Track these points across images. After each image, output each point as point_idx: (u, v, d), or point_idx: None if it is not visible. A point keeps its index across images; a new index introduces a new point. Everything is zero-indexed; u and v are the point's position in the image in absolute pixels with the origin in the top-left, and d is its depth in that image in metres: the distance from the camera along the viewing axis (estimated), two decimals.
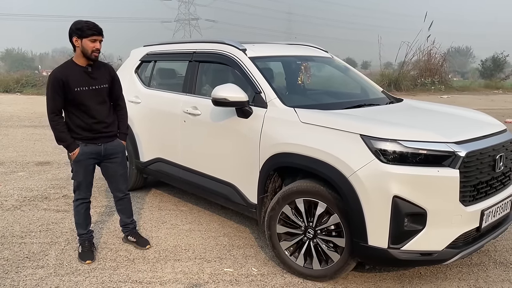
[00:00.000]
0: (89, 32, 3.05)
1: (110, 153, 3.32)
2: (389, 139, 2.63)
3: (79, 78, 3.11)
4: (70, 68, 3.12)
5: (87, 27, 3.05)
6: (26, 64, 41.90)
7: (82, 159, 3.21)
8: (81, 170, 3.24)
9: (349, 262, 2.86)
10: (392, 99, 4.02)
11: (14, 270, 3.15)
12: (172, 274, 3.13)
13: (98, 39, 3.09)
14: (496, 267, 3.27)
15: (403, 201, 2.55)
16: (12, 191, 5.01)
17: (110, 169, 3.39)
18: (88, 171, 3.28)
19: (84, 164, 3.23)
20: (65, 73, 3.08)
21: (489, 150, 2.82)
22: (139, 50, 4.97)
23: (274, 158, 3.15)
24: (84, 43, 3.06)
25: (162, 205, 4.62)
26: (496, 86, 21.73)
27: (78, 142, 3.20)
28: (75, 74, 3.11)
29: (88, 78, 3.15)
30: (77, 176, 3.27)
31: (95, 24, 3.11)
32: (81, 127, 3.18)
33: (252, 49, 3.75)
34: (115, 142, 3.36)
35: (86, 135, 3.20)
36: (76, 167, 3.24)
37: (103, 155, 3.29)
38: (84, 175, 3.26)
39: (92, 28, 3.06)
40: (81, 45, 3.07)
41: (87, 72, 3.16)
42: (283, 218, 3.09)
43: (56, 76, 3.06)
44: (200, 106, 3.84)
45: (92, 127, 3.19)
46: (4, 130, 9.24)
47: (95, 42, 3.08)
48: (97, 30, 3.08)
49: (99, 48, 3.12)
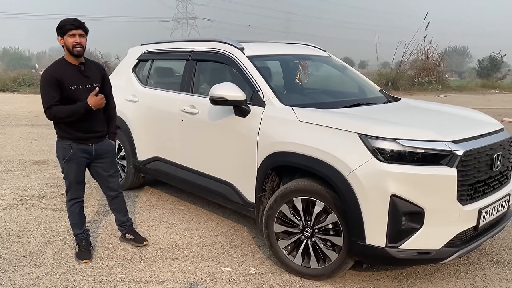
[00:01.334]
0: (67, 27, 3.02)
1: (100, 153, 3.30)
2: (387, 138, 2.63)
3: (72, 77, 3.09)
4: (63, 66, 3.10)
5: (64, 23, 3.04)
6: (23, 63, 41.87)
7: (75, 157, 3.19)
8: (73, 170, 3.21)
9: (347, 261, 2.86)
10: (390, 98, 4.02)
11: (11, 269, 3.14)
12: (169, 273, 3.13)
13: (77, 33, 3.04)
14: (493, 265, 3.28)
15: (400, 200, 2.56)
16: (9, 190, 4.99)
17: (101, 169, 3.36)
18: (80, 170, 3.25)
19: (76, 163, 3.20)
20: (59, 71, 3.06)
21: (486, 149, 2.82)
22: (137, 48, 4.96)
23: (272, 157, 3.15)
24: (65, 40, 3.05)
25: (160, 204, 4.61)
26: (493, 85, 21.80)
27: (70, 142, 3.17)
28: (69, 72, 3.09)
29: (81, 77, 3.13)
30: (69, 175, 3.24)
31: (74, 18, 3.08)
32: (73, 127, 3.14)
33: (250, 48, 3.75)
34: (105, 142, 3.35)
35: (78, 135, 3.17)
36: (68, 166, 3.21)
37: (94, 155, 3.27)
38: (75, 175, 3.24)
39: (69, 23, 3.03)
40: (64, 43, 3.06)
41: (80, 71, 3.14)
42: (281, 217, 3.09)
43: (51, 74, 3.04)
44: (198, 105, 3.83)
45: (84, 126, 3.16)
46: (1, 129, 9.21)
47: (74, 36, 3.04)
48: (74, 24, 3.04)
49: (80, 42, 3.06)
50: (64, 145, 3.18)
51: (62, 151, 3.19)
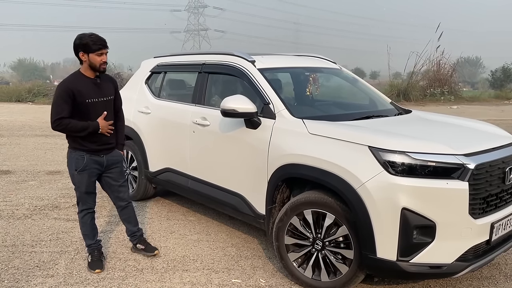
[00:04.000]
0: (95, 47, 3.09)
1: (110, 164, 3.36)
2: (398, 151, 2.63)
3: (89, 90, 3.16)
4: (80, 79, 3.16)
5: (92, 42, 3.08)
6: (38, 73, 42.60)
7: (87, 168, 3.24)
8: (84, 180, 3.26)
9: (358, 274, 2.85)
10: (401, 110, 4.02)
11: (25, 279, 3.18)
12: (180, 284, 3.14)
13: (104, 52, 3.14)
14: (506, 280, 3.23)
15: (412, 213, 2.55)
16: (23, 200, 5.07)
17: (111, 179, 3.41)
18: (91, 181, 3.30)
19: (88, 174, 3.25)
20: (76, 84, 3.12)
21: (498, 163, 2.80)
22: (149, 61, 5.03)
23: (282, 169, 3.16)
24: (91, 58, 3.11)
25: (171, 215, 4.64)
26: (506, 96, 21.52)
27: (82, 153, 3.22)
28: (86, 85, 3.15)
29: (97, 90, 3.21)
30: (80, 186, 3.28)
31: (100, 37, 3.14)
32: (87, 139, 3.19)
33: (261, 60, 3.79)
34: (115, 152, 3.41)
35: (92, 147, 3.23)
36: (80, 177, 3.25)
37: (105, 166, 3.33)
38: (86, 185, 3.28)
39: (97, 43, 3.09)
40: (88, 59, 3.11)
41: (96, 84, 3.21)
42: (291, 229, 3.09)
43: (67, 87, 3.10)
44: (209, 117, 3.87)
45: (98, 138, 3.22)
46: (16, 139, 9.37)
47: (102, 55, 3.13)
48: (102, 43, 3.12)
49: (106, 61, 3.17)
50: (77, 156, 3.23)
51: (75, 162, 3.24)
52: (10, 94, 19.03)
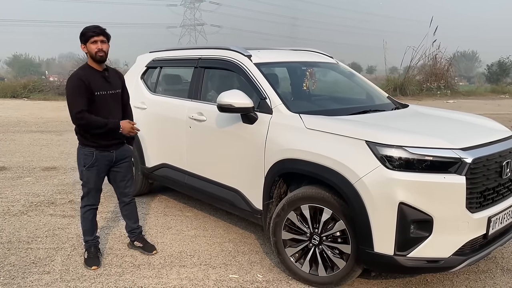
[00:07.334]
0: (89, 34, 3.10)
1: (120, 159, 3.36)
2: (395, 145, 2.62)
3: (98, 82, 3.16)
4: (89, 72, 3.16)
5: (86, 30, 3.11)
6: (33, 69, 42.26)
7: (96, 164, 3.23)
8: (93, 176, 3.25)
9: (355, 269, 2.85)
10: (398, 105, 4.01)
11: (21, 275, 3.17)
12: (177, 280, 3.13)
13: (98, 40, 3.11)
14: (503, 274, 3.24)
15: (409, 208, 2.54)
16: (19, 196, 5.04)
17: (119, 174, 3.41)
18: (99, 177, 3.30)
19: (97, 170, 3.25)
20: (86, 76, 3.11)
21: (495, 157, 2.80)
22: (145, 56, 5.00)
23: (279, 164, 3.15)
24: (88, 47, 3.12)
25: (167, 210, 4.63)
26: (502, 90, 21.59)
27: (92, 149, 3.21)
28: (95, 78, 3.15)
29: (106, 83, 3.21)
30: (88, 182, 3.27)
31: (96, 25, 3.15)
32: (98, 135, 3.18)
33: (257, 55, 3.77)
34: (124, 147, 3.40)
35: (102, 142, 3.22)
36: (89, 173, 3.24)
37: (114, 161, 3.32)
38: (95, 181, 3.28)
39: (91, 30, 3.10)
40: (87, 49, 3.13)
41: (105, 77, 3.21)
42: (289, 224, 3.09)
43: (79, 79, 3.08)
44: (205, 112, 3.85)
45: (109, 135, 3.21)
46: (11, 135, 9.32)
47: (96, 43, 3.11)
48: (95, 31, 3.11)
49: (102, 48, 3.12)
50: (86, 152, 3.22)
51: (83, 158, 3.23)
52: (5, 90, 18.90)
